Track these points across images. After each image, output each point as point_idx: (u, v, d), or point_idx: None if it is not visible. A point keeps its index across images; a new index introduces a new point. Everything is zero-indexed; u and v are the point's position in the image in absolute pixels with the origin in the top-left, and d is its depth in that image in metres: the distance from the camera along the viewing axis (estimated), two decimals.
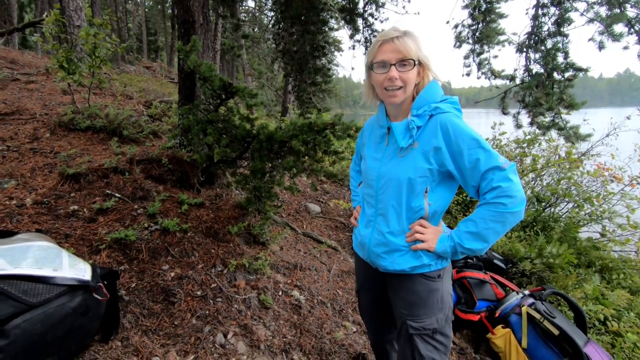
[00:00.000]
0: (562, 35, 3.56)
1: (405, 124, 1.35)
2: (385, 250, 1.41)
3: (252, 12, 18.28)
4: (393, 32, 1.29)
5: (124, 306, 2.03)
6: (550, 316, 2.67)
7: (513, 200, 1.20)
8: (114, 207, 2.72)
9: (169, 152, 3.45)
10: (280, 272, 2.90)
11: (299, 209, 4.25)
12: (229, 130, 2.96)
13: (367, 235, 1.48)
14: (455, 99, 1.37)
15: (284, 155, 2.83)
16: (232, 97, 2.80)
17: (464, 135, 1.24)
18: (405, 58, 1.27)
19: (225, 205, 3.26)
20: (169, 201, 3.00)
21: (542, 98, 3.39)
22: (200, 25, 3.63)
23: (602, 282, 3.67)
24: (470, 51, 4.60)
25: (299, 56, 4.56)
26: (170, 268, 2.40)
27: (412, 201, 1.33)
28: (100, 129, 3.84)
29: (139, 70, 11.60)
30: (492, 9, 4.26)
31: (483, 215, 1.24)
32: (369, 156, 1.50)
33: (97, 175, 2.97)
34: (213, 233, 2.86)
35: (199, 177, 3.44)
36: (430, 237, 1.33)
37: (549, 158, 5.08)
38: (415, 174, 1.30)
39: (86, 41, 3.66)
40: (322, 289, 2.90)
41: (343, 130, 2.48)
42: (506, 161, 1.23)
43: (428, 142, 1.29)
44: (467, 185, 1.29)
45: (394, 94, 1.30)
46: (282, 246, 3.26)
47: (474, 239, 1.26)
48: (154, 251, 2.47)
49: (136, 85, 6.98)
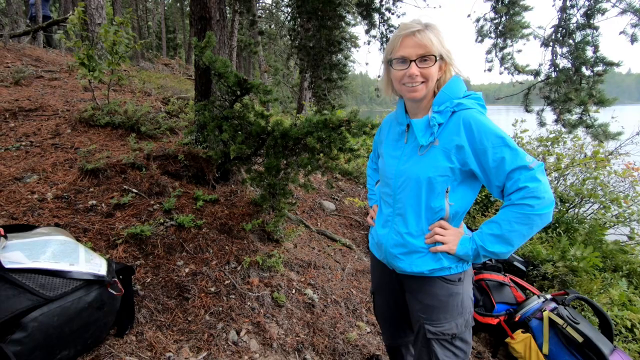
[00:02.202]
0: (592, 27, 3.37)
1: (426, 120, 1.29)
2: (404, 251, 1.36)
3: (269, 9, 18.32)
4: (414, 25, 1.23)
5: (139, 301, 2.04)
6: (574, 322, 2.56)
7: (541, 202, 1.13)
8: (131, 202, 2.75)
9: (185, 149, 3.47)
10: (293, 270, 2.88)
11: (314, 207, 4.23)
12: (244, 127, 2.95)
13: (385, 235, 1.43)
14: (479, 94, 1.31)
15: (298, 153, 2.80)
16: (247, 94, 2.78)
17: (489, 133, 1.17)
18: (427, 53, 1.21)
19: (240, 202, 3.26)
20: (184, 197, 3.02)
21: (571, 93, 3.21)
22: (216, 21, 3.62)
23: (629, 288, 3.50)
24: (492, 46, 4.43)
25: (314, 52, 4.50)
26: (185, 264, 2.41)
27: (432, 201, 1.28)
28: (119, 125, 3.90)
29: (157, 68, 11.77)
30: (516, 1, 4.09)
31: (508, 217, 1.17)
32: (387, 154, 1.45)
33: (115, 170, 3.01)
34: (227, 229, 2.86)
35: (214, 173, 3.45)
36: (451, 239, 1.28)
37: (573, 157, 4.89)
38: (435, 173, 1.25)
39: (105, 38, 3.71)
40: (336, 288, 2.87)
41: (359, 127, 2.43)
42: (534, 160, 1.16)
43: (450, 140, 1.23)
44: (491, 185, 1.22)
45: (415, 88, 1.25)
46: (296, 244, 3.24)
47: (498, 242, 1.19)
48: (169, 247, 2.49)
49: (154, 82, 7.07)
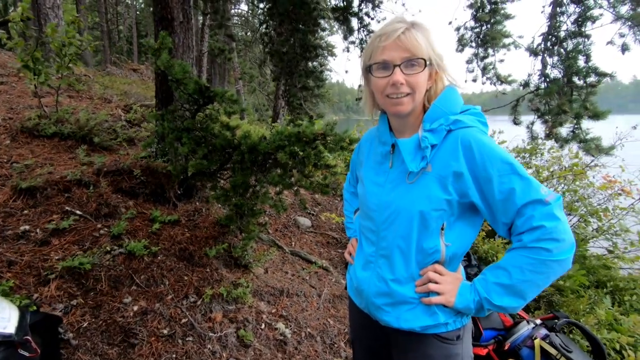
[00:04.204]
0: (584, 35, 3.30)
1: (415, 141, 1.04)
2: (389, 302, 1.10)
3: (244, 16, 18.03)
4: (397, 24, 0.99)
5: (70, 353, 1.68)
6: (567, 351, 2.39)
7: (560, 245, 0.90)
8: (72, 226, 2.37)
9: (142, 162, 3.12)
10: (264, 299, 2.57)
11: (288, 224, 3.93)
12: (208, 140, 2.64)
13: (365, 280, 1.17)
14: (479, 109, 1.08)
15: (269, 169, 2.52)
16: (210, 103, 2.48)
17: (494, 158, 0.94)
18: (414, 57, 0.97)
19: (204, 222, 2.92)
20: (139, 218, 2.66)
21: (565, 105, 3.11)
22: (180, 23, 3.31)
23: (614, 305, 3.40)
24: (473, 55, 4.34)
25: (288, 58, 4.24)
26: (134, 300, 2.06)
27: (424, 241, 1.03)
28: (68, 136, 3.48)
29: (125, 73, 11.20)
30: (497, 10, 4.01)
31: (519, 262, 0.94)
32: (368, 180, 1.19)
33: (56, 189, 2.62)
34: (188, 256, 2.52)
35: (176, 190, 3.10)
36: (449, 288, 1.03)
37: (549, 168, 4.84)
38: (428, 206, 1.00)
39: (53, 39, 3.31)
40: (311, 319, 2.58)
41: (335, 142, 2.18)
42: (550, 192, 0.93)
43: (446, 166, 0.99)
44: (496, 221, 0.99)
45: (400, 101, 1.00)
46: (267, 268, 2.94)
47: (507, 294, 0.95)
48: (116, 280, 2.13)
49: (118, 88, 6.61)
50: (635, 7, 2.89)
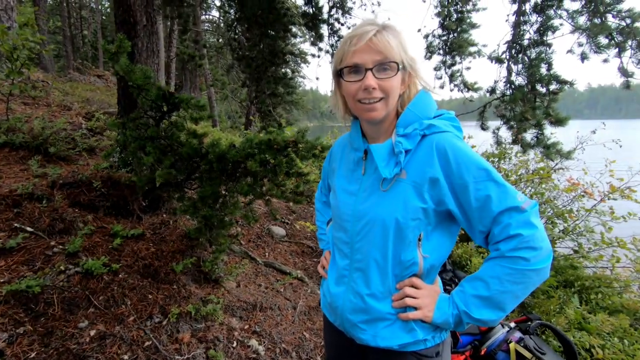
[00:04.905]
0: (545, 44, 3.44)
1: (389, 146, 1.00)
2: (365, 318, 1.04)
3: (216, 22, 17.79)
4: (368, 26, 0.94)
5: None
6: (540, 352, 2.42)
7: (538, 254, 0.87)
8: (22, 245, 2.16)
9: (103, 173, 2.93)
10: (236, 315, 2.45)
11: (261, 234, 3.81)
12: (174, 148, 2.50)
13: (339, 296, 1.10)
14: (452, 114, 1.04)
15: (239, 178, 2.41)
16: (175, 109, 2.36)
17: (469, 164, 0.90)
18: (386, 60, 0.92)
19: (172, 235, 2.77)
20: (98, 234, 2.48)
21: (528, 112, 3.20)
22: (143, 26, 3.17)
23: (582, 304, 3.51)
24: (441, 62, 4.43)
25: (256, 63, 4.15)
26: (91, 324, 1.89)
27: (401, 253, 0.98)
28: (20, 146, 3.22)
29: (88, 79, 10.71)
30: (463, 19, 4.12)
31: (497, 273, 0.90)
32: (341, 188, 1.13)
33: (4, 203, 2.40)
34: (152, 272, 2.36)
35: (141, 202, 2.93)
36: (426, 302, 0.98)
37: (517, 172, 4.99)
38: (404, 215, 0.95)
39: (3, 42, 3.08)
40: (286, 333, 2.48)
41: (307, 149, 2.11)
42: (526, 199, 0.90)
43: (421, 172, 0.94)
44: (473, 229, 0.95)
45: (373, 107, 0.95)
46: (239, 282, 2.81)
47: (486, 306, 0.91)
48: (70, 303, 1.95)
49: (79, 95, 6.28)
50: (592, 18, 3.05)
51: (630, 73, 3.14)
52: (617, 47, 3.04)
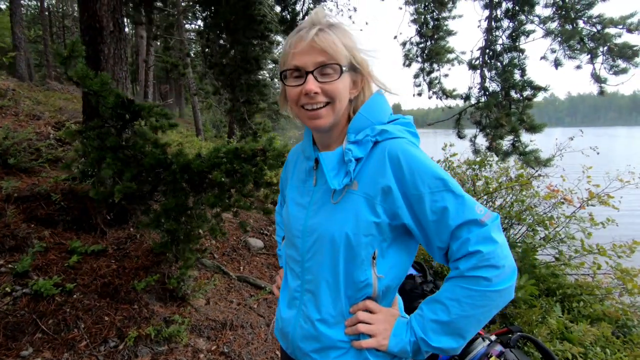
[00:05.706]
0: (518, 50, 3.44)
1: (339, 154, 0.90)
2: (316, 347, 0.93)
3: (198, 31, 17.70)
4: (311, 25, 0.86)
5: None
6: None
7: (500, 273, 0.78)
8: None
9: (64, 186, 2.77)
10: (203, 335, 2.30)
11: (237, 246, 3.67)
12: (138, 159, 2.37)
13: (290, 321, 0.99)
14: (409, 119, 0.96)
15: (205, 189, 2.29)
16: (137, 118, 2.23)
17: (424, 172, 0.82)
18: (329, 62, 0.83)
19: (137, 251, 2.62)
20: (54, 250, 2.32)
21: (502, 119, 3.17)
22: (110, 32, 3.05)
23: (564, 312, 3.46)
24: (420, 70, 4.41)
25: (229, 70, 4.06)
26: (35, 352, 1.73)
27: (354, 273, 0.88)
28: None
29: (66, 89, 10.45)
30: (440, 26, 4.13)
31: (457, 295, 0.81)
32: (292, 200, 1.03)
33: None
34: (112, 291, 2.21)
35: (104, 215, 2.77)
36: (381, 329, 0.88)
37: (499, 179, 4.99)
38: (356, 231, 0.85)
39: None
40: (257, 353, 2.34)
41: (275, 157, 2.01)
42: (486, 211, 0.81)
43: (373, 182, 0.85)
44: (431, 246, 0.86)
45: (317, 114, 0.86)
46: (209, 299, 2.66)
47: (445, 333, 0.82)
48: (15, 328, 1.79)
49: (52, 104, 6.08)
50: (564, 23, 3.06)
51: (603, 79, 3.16)
52: (589, 53, 3.06)
